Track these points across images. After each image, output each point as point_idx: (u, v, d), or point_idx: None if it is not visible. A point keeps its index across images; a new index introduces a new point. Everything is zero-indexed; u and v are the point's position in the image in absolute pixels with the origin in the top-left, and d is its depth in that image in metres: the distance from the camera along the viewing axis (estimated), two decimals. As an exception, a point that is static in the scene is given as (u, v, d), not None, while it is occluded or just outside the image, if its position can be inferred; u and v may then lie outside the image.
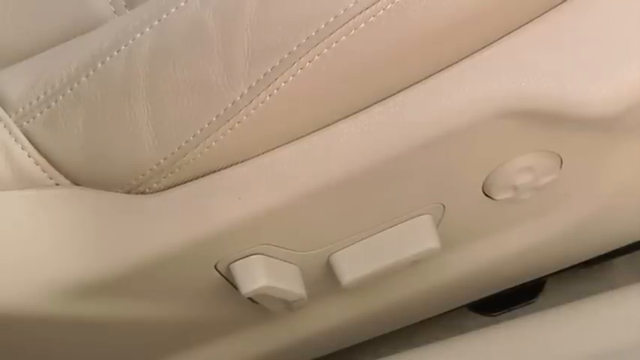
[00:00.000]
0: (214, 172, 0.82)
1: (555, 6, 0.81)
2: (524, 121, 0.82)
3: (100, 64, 0.82)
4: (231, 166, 0.82)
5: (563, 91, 0.80)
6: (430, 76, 0.81)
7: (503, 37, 0.82)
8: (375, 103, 0.82)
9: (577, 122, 0.82)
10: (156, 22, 0.81)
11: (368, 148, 0.82)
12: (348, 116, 0.82)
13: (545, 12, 0.82)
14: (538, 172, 0.87)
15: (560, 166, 0.87)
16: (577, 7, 0.81)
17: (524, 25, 0.82)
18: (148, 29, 0.81)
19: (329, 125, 0.82)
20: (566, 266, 1.06)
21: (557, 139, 0.84)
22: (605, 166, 0.90)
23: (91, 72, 0.82)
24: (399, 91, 0.82)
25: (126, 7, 0.92)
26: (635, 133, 0.87)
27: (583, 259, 1.06)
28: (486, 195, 0.88)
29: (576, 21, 0.81)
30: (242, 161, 0.82)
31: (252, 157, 0.82)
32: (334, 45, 0.77)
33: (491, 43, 0.81)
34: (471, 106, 0.81)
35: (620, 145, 0.87)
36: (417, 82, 0.81)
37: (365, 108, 0.82)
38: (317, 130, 0.82)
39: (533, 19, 0.81)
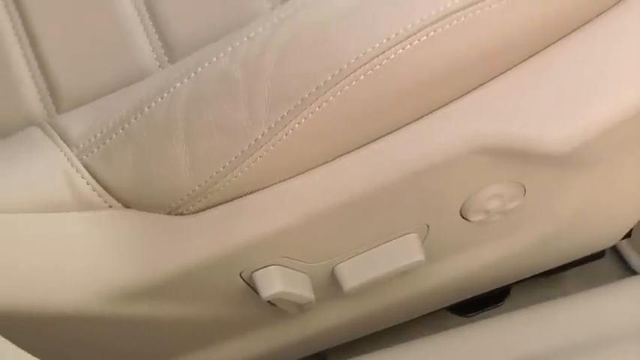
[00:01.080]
0: (240, 197, 0.82)
1: (520, 62, 0.82)
2: (494, 157, 0.82)
3: (146, 109, 0.82)
4: (254, 192, 0.83)
5: (527, 132, 0.81)
6: (418, 118, 0.82)
7: (479, 86, 0.82)
8: (373, 141, 0.82)
9: (538, 158, 0.83)
10: (192, 74, 0.81)
11: (365, 178, 0.83)
12: (350, 152, 0.83)
13: (512, 67, 0.82)
14: (505, 199, 0.87)
15: (524, 194, 0.87)
16: (538, 64, 0.82)
17: (496, 76, 0.82)
18: (186, 80, 0.82)
19: (334, 159, 0.83)
20: (528, 276, 1.07)
21: (522, 171, 0.85)
22: (560, 194, 0.91)
23: (139, 115, 0.82)
24: (392, 131, 0.82)
25: (168, 62, 0.93)
26: (584, 167, 0.87)
27: (541, 271, 1.07)
28: (463, 217, 0.88)
29: (538, 76, 0.82)
30: (263, 188, 0.83)
31: (271, 185, 0.83)
32: (339, 93, 0.77)
33: (470, 92, 0.82)
34: (452, 144, 0.81)
35: (573, 177, 0.88)
36: (407, 124, 0.82)
37: (364, 145, 0.82)
38: (325, 163, 0.83)
39: (504, 72, 0.82)
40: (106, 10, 0.98)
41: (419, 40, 0.77)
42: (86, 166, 0.83)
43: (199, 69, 0.82)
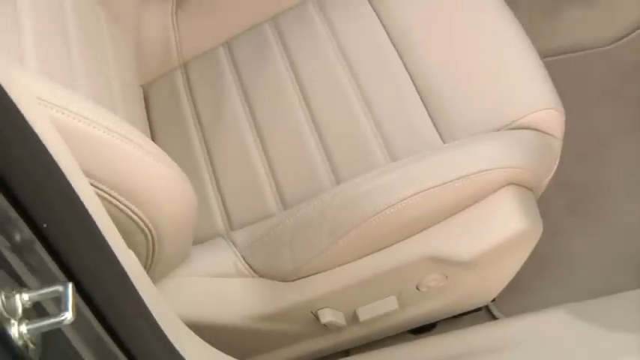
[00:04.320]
0: (314, 274, 0.82)
1: (446, 219, 0.82)
2: (434, 262, 0.83)
3: (272, 232, 0.83)
4: (319, 273, 0.83)
5: (449, 250, 0.82)
6: (399, 241, 0.82)
7: (428, 228, 0.82)
8: (376, 251, 0.82)
9: (454, 263, 0.83)
10: (294, 217, 0.83)
11: (371, 270, 0.83)
12: (364, 256, 0.82)
13: (442, 221, 0.82)
14: (437, 281, 0.86)
15: (446, 279, 0.86)
16: (455, 220, 0.82)
17: (436, 223, 0.82)
18: (291, 219, 0.83)
19: (357, 260, 0.82)
20: (445, 317, 1.00)
21: (446, 269, 0.84)
22: (464, 280, 0.87)
23: (267, 235, 0.84)
24: (385, 247, 0.82)
25: (283, 209, 0.89)
26: (476, 268, 0.84)
27: (451, 315, 1.00)
28: (417, 289, 0.87)
29: (454, 226, 0.82)
30: (324, 271, 0.82)
31: (327, 270, 0.83)
32: (361, 229, 0.79)
33: (423, 230, 0.82)
34: (414, 254, 0.82)
35: (470, 272, 0.86)
36: (393, 244, 0.82)
37: (371, 253, 0.82)
38: (351, 262, 0.82)
39: (439, 222, 0.82)
40: (251, 173, 0.93)
41: (401, 205, 0.78)
42: (243, 257, 0.84)
43: (297, 214, 0.83)
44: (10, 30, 0.70)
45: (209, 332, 0.75)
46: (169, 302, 0.72)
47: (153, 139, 0.99)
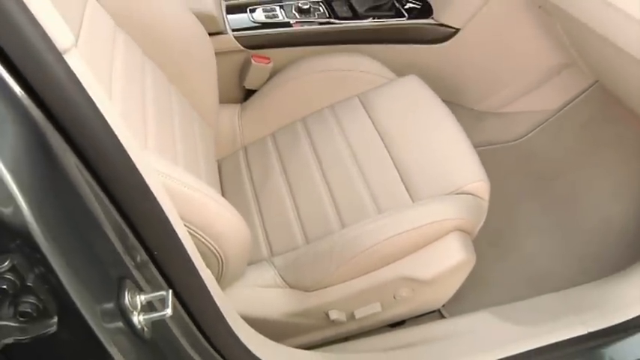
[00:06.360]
0: (325, 288, 0.79)
1: (407, 256, 0.79)
2: (405, 281, 0.79)
3: (298, 259, 0.81)
4: (329, 287, 0.79)
5: (416, 274, 0.79)
6: (380, 267, 0.79)
7: (401, 258, 0.79)
8: (364, 274, 0.79)
9: (419, 281, 0.80)
10: (315, 248, 0.80)
11: (361, 287, 0.79)
12: (358, 277, 0.79)
13: (406, 256, 0.79)
14: (407, 293, 0.80)
15: (413, 292, 0.80)
16: (415, 256, 0.79)
17: (404, 257, 0.79)
18: (312, 251, 0.80)
19: (354, 278, 0.79)
20: (412, 316, 0.90)
21: (413, 285, 0.80)
22: (425, 292, 0.83)
23: (295, 261, 0.80)
24: (370, 271, 0.79)
25: (307, 243, 0.83)
26: (432, 285, 0.81)
27: (415, 315, 0.90)
28: (394, 298, 0.82)
29: (416, 259, 0.79)
30: (333, 285, 0.79)
31: (335, 285, 0.79)
32: (355, 259, 0.77)
33: (397, 260, 0.79)
34: (391, 276, 0.79)
35: (429, 287, 0.81)
36: (375, 269, 0.79)
37: (363, 275, 0.79)
38: (350, 279, 0.79)
39: (404, 257, 0.79)
40: (286, 218, 0.88)
41: (381, 244, 0.77)
42: (280, 275, 0.81)
43: (316, 248, 0.81)
44: (139, 120, 0.70)
45: (255, 323, 0.73)
46: (231, 303, 0.70)
47: (223, 195, 0.96)
